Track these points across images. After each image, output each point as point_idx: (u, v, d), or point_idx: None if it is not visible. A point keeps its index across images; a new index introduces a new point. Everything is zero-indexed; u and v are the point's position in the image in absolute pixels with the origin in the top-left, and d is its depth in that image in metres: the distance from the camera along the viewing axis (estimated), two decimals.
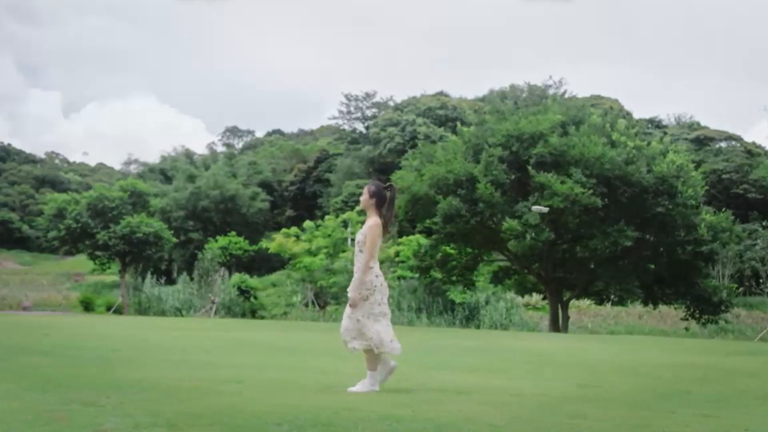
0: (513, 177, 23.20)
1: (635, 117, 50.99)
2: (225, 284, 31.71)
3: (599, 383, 7.28)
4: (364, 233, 5.91)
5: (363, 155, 58.07)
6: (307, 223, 30.64)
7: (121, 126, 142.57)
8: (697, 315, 24.78)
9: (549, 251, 24.17)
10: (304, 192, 62.66)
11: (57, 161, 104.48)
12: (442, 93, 66.66)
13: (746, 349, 14.81)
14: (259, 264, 46.37)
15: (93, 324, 17.60)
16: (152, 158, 77.81)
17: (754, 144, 57.28)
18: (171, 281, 38.19)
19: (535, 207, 21.52)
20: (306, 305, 31.08)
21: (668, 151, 24.00)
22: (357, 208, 26.29)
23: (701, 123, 63.91)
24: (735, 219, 25.41)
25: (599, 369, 9.01)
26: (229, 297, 30.98)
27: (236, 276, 33.77)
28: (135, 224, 30.02)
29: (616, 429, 4.52)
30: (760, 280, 32.94)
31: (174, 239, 33.96)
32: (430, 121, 56.21)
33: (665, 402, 6.03)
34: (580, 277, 25.28)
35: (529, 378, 7.73)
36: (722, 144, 56.97)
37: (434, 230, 25.01)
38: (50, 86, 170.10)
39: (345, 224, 29.69)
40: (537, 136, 23.02)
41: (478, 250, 26.30)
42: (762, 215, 43.45)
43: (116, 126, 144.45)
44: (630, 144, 22.93)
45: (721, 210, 25.37)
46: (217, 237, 45.89)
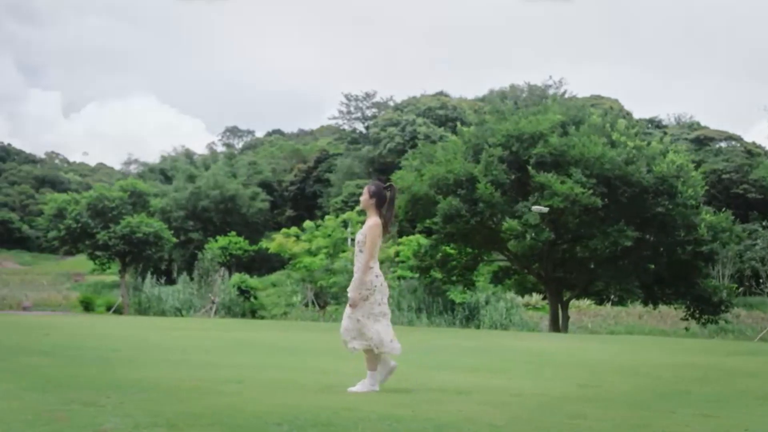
0: (513, 177, 23.20)
1: (635, 117, 50.98)
2: (225, 284, 31.71)
3: (599, 383, 7.28)
4: (364, 233, 5.91)
5: (363, 155, 58.06)
6: (307, 223, 30.65)
7: (121, 126, 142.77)
8: (697, 315, 24.79)
9: (549, 251, 24.17)
10: (304, 192, 62.65)
11: (57, 161, 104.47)
12: (442, 93, 66.64)
13: (746, 349, 14.81)
14: (259, 264, 46.37)
15: (93, 324, 17.60)
16: (152, 158, 77.91)
17: (754, 144, 57.27)
18: (171, 281, 38.19)
19: (535, 207, 21.53)
20: (306, 305, 31.08)
21: (668, 151, 24.00)
22: (357, 208, 26.29)
23: (701, 123, 63.91)
24: (735, 219, 25.41)
25: (599, 369, 9.01)
26: (229, 297, 30.98)
27: (236, 276, 33.77)
28: (135, 224, 30.03)
29: (617, 429, 4.52)
30: (760, 280, 32.94)
31: (174, 239, 33.97)
32: (430, 121, 56.19)
33: (665, 402, 6.03)
34: (580, 277, 25.28)
35: (529, 378, 7.73)
36: (722, 144, 56.96)
37: (434, 230, 25.02)
38: (50, 86, 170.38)
39: (345, 224, 29.69)
40: (537, 136, 23.03)
41: (478, 250, 26.30)
42: (762, 215, 43.44)
43: (116, 126, 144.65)
44: (630, 144, 22.93)
45: (721, 210, 25.37)
46: (217, 237, 45.89)
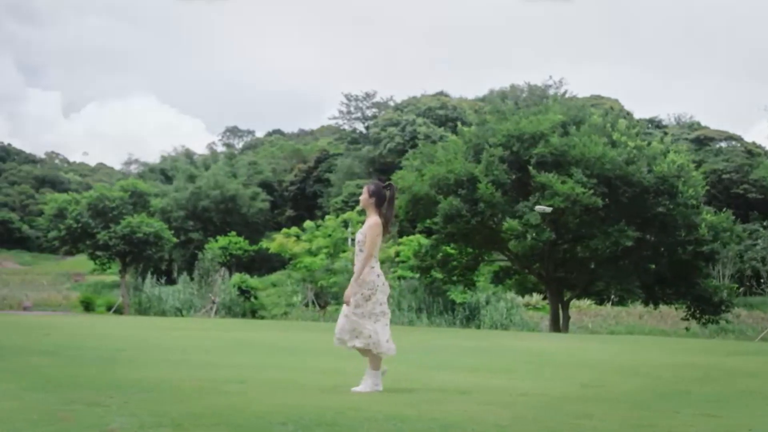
0: (514, 177, 23.19)
1: (635, 117, 50.92)
2: (225, 284, 31.70)
3: (601, 383, 7.27)
4: (364, 232, 5.91)
5: (363, 155, 58.02)
6: (308, 223, 30.65)
7: (121, 126, 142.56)
8: (698, 315, 24.77)
9: (550, 251, 24.16)
10: (305, 192, 62.62)
11: (57, 161, 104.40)
12: (442, 93, 66.58)
13: (747, 349, 14.80)
14: (259, 264, 46.35)
15: (93, 324, 17.60)
16: (152, 158, 77.83)
17: (755, 144, 57.24)
18: (171, 281, 38.18)
19: (538, 207, 21.50)
20: (306, 305, 31.08)
21: (669, 151, 24.00)
22: (357, 208, 26.27)
23: (701, 123, 63.85)
24: (735, 219, 25.41)
25: (600, 369, 9.00)
26: (230, 297, 30.98)
27: (236, 276, 33.76)
28: (135, 224, 30.04)
29: (621, 429, 4.52)
30: (761, 280, 32.99)
31: (174, 239, 33.98)
32: (431, 121, 56.15)
33: (667, 402, 6.02)
34: (581, 277, 25.27)
35: (530, 378, 7.72)
36: (722, 144, 56.93)
37: (435, 230, 25.01)
38: (50, 86, 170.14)
39: (345, 224, 29.69)
40: (538, 136, 23.02)
41: (479, 250, 26.29)
42: (762, 215, 43.52)
43: (116, 126, 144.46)
44: (630, 144, 22.93)
45: (722, 210, 25.37)
46: (218, 237, 45.85)
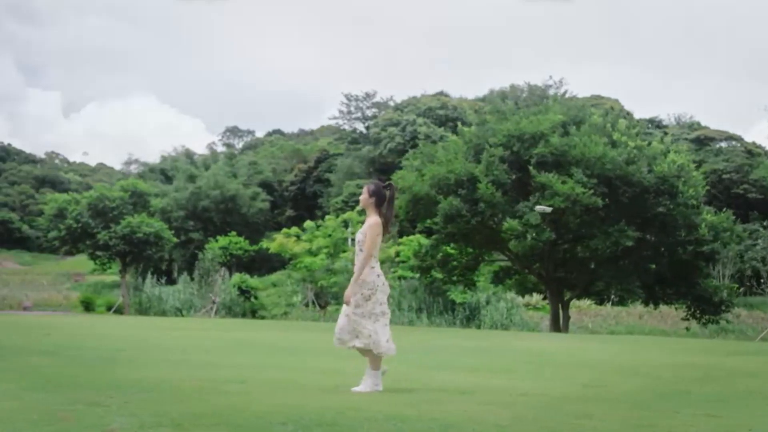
0: (514, 177, 23.19)
1: (635, 117, 50.91)
2: (225, 284, 31.70)
3: (601, 383, 7.27)
4: (364, 232, 5.91)
5: (363, 155, 58.01)
6: (308, 223, 30.66)
7: (121, 126, 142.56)
8: (698, 315, 24.77)
9: (550, 251, 24.15)
10: (305, 192, 62.60)
11: (57, 161, 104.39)
12: (442, 93, 66.56)
13: (747, 349, 14.80)
14: (260, 264, 46.36)
15: (93, 324, 17.61)
16: (152, 158, 77.79)
17: (755, 144, 57.22)
18: (171, 281, 38.17)
19: (539, 207, 21.50)
20: (306, 305, 31.09)
21: (669, 151, 24.00)
22: (357, 208, 26.27)
23: (701, 123, 63.82)
24: (735, 219, 25.40)
25: (600, 369, 9.00)
26: (230, 297, 30.98)
27: (236, 276, 33.76)
28: (135, 224, 30.04)
29: (622, 429, 4.52)
30: (761, 280, 32.98)
31: (174, 239, 33.98)
32: (431, 121, 56.14)
33: (667, 402, 6.02)
34: (581, 277, 25.27)
35: (531, 378, 7.72)
36: (722, 144, 56.91)
37: (435, 230, 25.01)
38: (50, 86, 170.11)
39: (345, 224, 29.69)
40: (538, 136, 23.02)
41: (479, 250, 26.29)
42: (762, 215, 43.50)
43: (116, 126, 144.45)
44: (631, 144, 22.92)
45: (722, 210, 25.37)
46: (218, 237, 45.87)
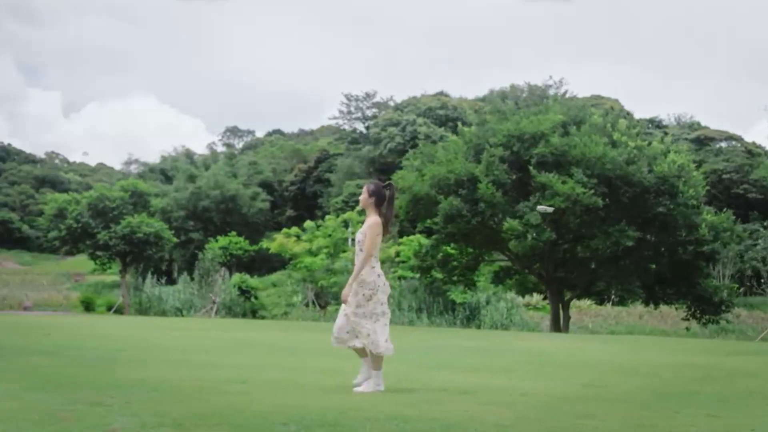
0: (514, 177, 23.19)
1: (636, 117, 50.91)
2: (225, 284, 31.70)
3: (602, 383, 7.26)
4: (364, 232, 5.90)
5: (363, 155, 58.02)
6: (308, 223, 30.65)
7: (121, 126, 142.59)
8: (698, 315, 24.78)
9: (550, 251, 24.15)
10: (305, 192, 62.60)
11: (57, 161, 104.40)
12: (443, 93, 66.56)
13: (747, 350, 14.80)
14: (260, 264, 46.36)
15: (93, 324, 17.60)
16: (152, 158, 77.81)
17: (755, 144, 57.23)
18: (171, 281, 38.17)
19: (540, 207, 21.48)
20: (306, 305, 31.08)
21: (669, 151, 23.99)
22: (357, 208, 26.27)
23: (701, 123, 63.85)
24: (735, 219, 25.41)
25: (601, 369, 9.00)
26: (230, 297, 30.97)
27: (237, 276, 33.76)
28: (135, 224, 30.04)
29: (623, 429, 4.52)
30: (761, 280, 32.97)
31: (174, 239, 33.98)
32: (431, 121, 56.14)
33: (668, 402, 6.01)
34: (581, 277, 25.26)
35: (531, 378, 7.71)
36: (722, 144, 56.93)
37: (435, 230, 25.00)
38: (50, 86, 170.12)
39: (345, 224, 29.69)
40: (538, 136, 23.02)
41: (479, 250, 26.28)
42: (762, 215, 43.53)
43: (116, 126, 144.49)
44: (631, 144, 22.92)
45: (722, 210, 25.38)
46: (218, 237, 45.88)
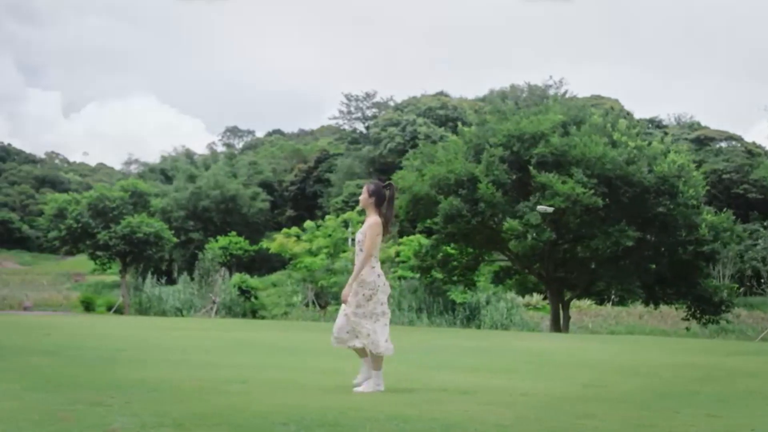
0: (514, 177, 23.18)
1: (636, 117, 50.90)
2: (225, 284, 31.69)
3: (602, 383, 7.26)
4: (364, 232, 5.89)
5: (363, 155, 58.01)
6: (308, 223, 30.65)
7: (121, 126, 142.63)
8: (698, 315, 24.78)
9: (550, 251, 24.15)
10: (305, 192, 62.59)
11: (57, 161, 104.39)
12: (443, 93, 66.56)
13: (747, 350, 14.80)
14: (260, 264, 46.36)
15: (93, 324, 17.60)
16: (152, 158, 77.82)
17: (755, 144, 57.24)
18: (171, 281, 38.17)
19: (540, 207, 21.46)
20: (306, 305, 31.08)
21: (669, 151, 23.99)
22: (357, 208, 26.27)
23: (701, 123, 63.85)
24: (735, 219, 25.40)
25: (601, 369, 8.99)
26: (230, 297, 30.97)
27: (237, 276, 33.76)
28: (136, 224, 30.04)
29: (623, 429, 4.51)
30: (761, 280, 32.97)
31: (174, 239, 33.98)
32: (431, 121, 56.14)
33: (668, 402, 6.01)
34: (581, 277, 25.26)
35: (531, 378, 7.71)
36: (722, 144, 56.93)
37: (435, 230, 25.00)
38: (50, 86, 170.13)
39: (346, 224, 29.69)
40: (538, 136, 23.01)
41: (479, 250, 26.28)
42: (762, 215, 43.53)
43: (116, 126, 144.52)
44: (631, 144, 22.91)
45: (722, 210, 25.37)
46: (218, 237, 45.88)
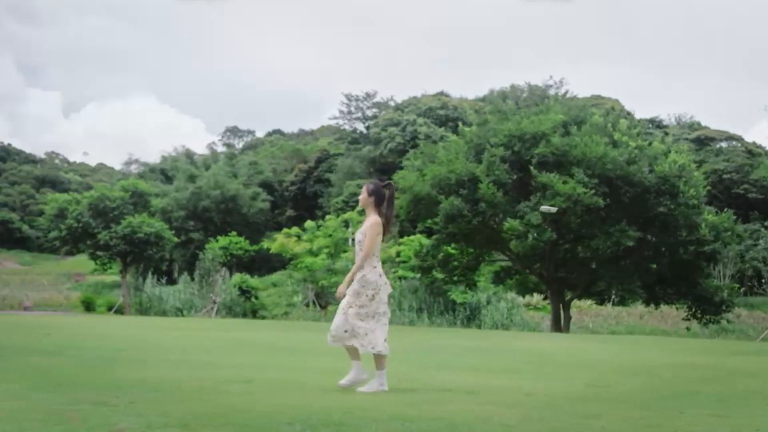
0: (515, 177, 23.17)
1: (636, 117, 50.85)
2: (226, 284, 31.68)
3: (604, 383, 7.25)
4: (364, 231, 5.88)
5: (364, 155, 57.99)
6: (308, 223, 30.64)
7: (121, 126, 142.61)
8: (699, 315, 24.78)
9: (551, 251, 24.13)
10: (305, 192, 62.57)
11: (57, 161, 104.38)
12: (443, 93, 66.55)
13: (748, 350, 14.79)
14: (260, 264, 46.33)
15: (94, 324, 17.59)
16: (152, 158, 77.85)
17: (755, 144, 57.24)
18: (172, 281, 38.16)
19: (544, 207, 21.43)
20: (307, 305, 31.08)
21: (670, 151, 23.98)
22: (358, 208, 26.25)
23: (701, 123, 63.86)
24: (736, 219, 25.40)
25: (602, 369, 8.98)
26: (230, 297, 30.96)
27: (237, 276, 33.75)
28: (136, 224, 30.04)
29: (629, 429, 4.51)
30: (762, 280, 32.93)
31: (175, 239, 33.97)
32: (431, 121, 56.12)
33: (670, 402, 6.00)
34: (582, 277, 25.25)
35: (532, 378, 7.70)
36: (723, 144, 56.94)
37: (436, 230, 25.00)
38: (50, 86, 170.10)
39: (346, 224, 29.67)
40: (539, 136, 23.00)
41: (480, 250, 26.27)
42: (763, 215, 43.51)
43: (116, 126, 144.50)
44: (632, 144, 22.90)
45: (723, 210, 25.37)
46: (218, 237, 45.85)
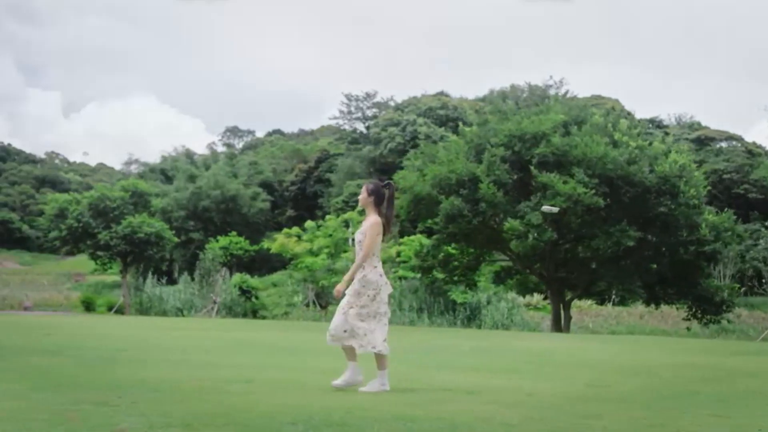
0: (515, 177, 23.17)
1: (636, 117, 50.82)
2: (226, 284, 31.68)
3: (604, 383, 7.24)
4: (364, 231, 5.88)
5: (364, 155, 57.97)
6: (309, 223, 30.64)
7: (121, 126, 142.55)
8: (699, 315, 24.77)
9: (551, 251, 24.13)
10: (305, 192, 62.56)
11: (57, 161, 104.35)
12: (443, 93, 66.53)
13: (748, 350, 14.78)
14: (260, 264, 46.32)
15: (94, 324, 17.59)
16: (152, 158, 77.84)
17: (755, 144, 57.23)
18: (172, 281, 38.16)
19: (545, 207, 21.42)
20: (307, 305, 31.08)
21: (670, 151, 23.97)
22: (358, 208, 26.24)
23: (702, 123, 63.85)
24: (736, 219, 25.40)
25: (602, 369, 8.98)
26: (231, 297, 30.96)
27: (237, 276, 33.74)
28: (136, 224, 30.03)
29: (631, 429, 4.50)
30: (762, 280, 32.91)
31: (175, 239, 33.95)
32: (431, 121, 56.09)
33: (671, 402, 6.00)
34: (582, 277, 25.24)
35: (533, 378, 7.69)
36: (723, 144, 56.93)
37: (436, 230, 25.00)
38: (50, 86, 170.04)
39: (346, 224, 29.67)
40: (539, 136, 23.00)
41: (480, 250, 26.26)
42: (763, 215, 43.46)
43: (116, 126, 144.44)
44: (632, 144, 22.89)
45: (723, 210, 25.37)
46: (218, 237, 45.85)
